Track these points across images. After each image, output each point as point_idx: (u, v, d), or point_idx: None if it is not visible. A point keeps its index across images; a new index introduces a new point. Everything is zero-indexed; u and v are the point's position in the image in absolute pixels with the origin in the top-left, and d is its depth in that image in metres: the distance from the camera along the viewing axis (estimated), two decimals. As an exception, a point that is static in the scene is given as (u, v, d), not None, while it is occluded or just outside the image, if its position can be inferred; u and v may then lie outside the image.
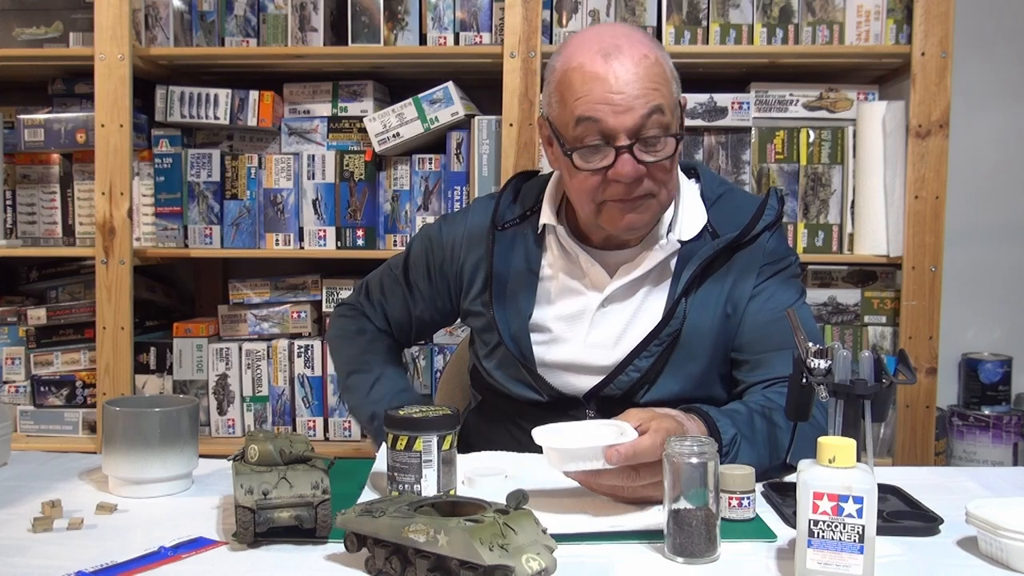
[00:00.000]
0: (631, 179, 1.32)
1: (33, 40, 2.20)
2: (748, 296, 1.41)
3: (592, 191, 1.35)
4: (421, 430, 1.15)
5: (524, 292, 1.47)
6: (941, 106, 1.99)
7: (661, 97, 1.31)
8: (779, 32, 2.08)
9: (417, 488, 1.15)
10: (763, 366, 1.39)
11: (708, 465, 1.01)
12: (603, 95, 1.30)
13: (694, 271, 1.39)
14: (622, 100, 1.30)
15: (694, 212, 1.45)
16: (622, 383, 1.40)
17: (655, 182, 1.35)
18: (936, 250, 2.01)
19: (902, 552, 1.04)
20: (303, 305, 2.23)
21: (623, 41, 1.33)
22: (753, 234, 1.42)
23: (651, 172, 1.34)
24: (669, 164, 1.35)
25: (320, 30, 2.16)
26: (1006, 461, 2.28)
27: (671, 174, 1.37)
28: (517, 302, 1.46)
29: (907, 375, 1.15)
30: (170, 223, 2.19)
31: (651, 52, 1.33)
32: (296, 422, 2.20)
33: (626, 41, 1.33)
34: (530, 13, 2.03)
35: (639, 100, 1.30)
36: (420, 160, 2.17)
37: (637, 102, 1.30)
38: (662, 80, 1.33)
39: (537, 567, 0.89)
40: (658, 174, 1.34)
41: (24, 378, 2.26)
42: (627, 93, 1.30)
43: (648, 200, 1.36)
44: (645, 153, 1.32)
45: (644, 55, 1.32)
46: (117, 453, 1.22)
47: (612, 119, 1.30)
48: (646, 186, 1.34)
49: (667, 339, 1.39)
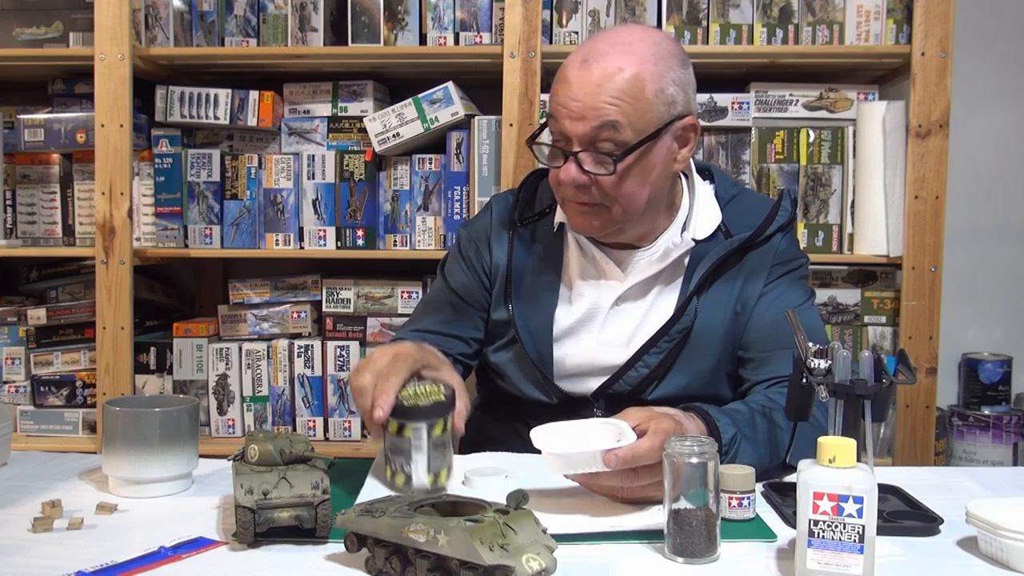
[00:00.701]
0: (569, 185, 1.33)
1: (33, 40, 2.20)
2: (757, 295, 1.41)
3: (556, 186, 1.39)
4: (410, 418, 1.19)
5: (546, 291, 1.47)
6: (941, 106, 1.99)
7: (619, 114, 1.29)
8: (779, 32, 2.08)
9: (408, 470, 1.20)
10: (768, 365, 1.40)
11: (708, 465, 1.01)
12: (564, 98, 1.32)
13: (706, 270, 1.39)
14: (577, 108, 1.31)
15: (708, 212, 1.45)
16: (631, 379, 1.41)
17: (604, 196, 1.34)
18: (936, 250, 2.01)
19: (902, 552, 1.04)
20: (303, 305, 2.23)
21: (615, 49, 1.31)
22: (766, 235, 1.42)
23: (599, 185, 1.33)
24: (617, 181, 1.32)
25: (320, 30, 2.15)
26: (1006, 461, 2.28)
27: (626, 191, 1.33)
28: (538, 300, 1.46)
29: (907, 375, 1.15)
30: (170, 223, 2.19)
31: (633, 66, 1.29)
32: (296, 422, 2.20)
33: (617, 49, 1.31)
34: (530, 13, 2.03)
35: (592, 111, 1.30)
36: (420, 160, 2.17)
37: (590, 112, 1.30)
38: (630, 97, 1.29)
39: (537, 567, 0.89)
40: (608, 188, 1.33)
41: (24, 378, 2.26)
42: (584, 102, 1.30)
43: (599, 209, 1.36)
44: (593, 164, 1.32)
45: (620, 68, 1.29)
46: (117, 453, 1.22)
47: (567, 123, 1.32)
48: (595, 195, 1.34)
49: (677, 336, 1.40)
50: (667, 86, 1.32)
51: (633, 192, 1.34)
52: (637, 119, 1.30)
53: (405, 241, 2.18)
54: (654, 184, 1.36)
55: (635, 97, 1.30)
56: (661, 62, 1.32)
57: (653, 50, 1.32)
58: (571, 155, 1.32)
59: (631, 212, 1.36)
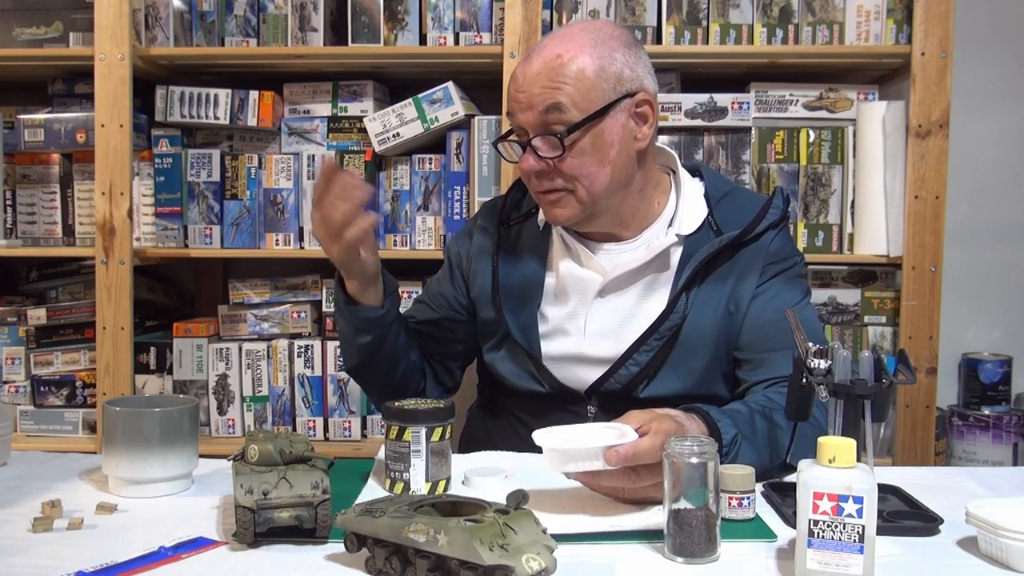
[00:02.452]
0: (530, 174, 1.40)
1: (33, 40, 2.20)
2: (751, 295, 1.42)
3: (526, 182, 1.45)
4: (411, 421, 1.20)
5: (531, 287, 1.50)
6: (941, 106, 1.99)
7: (562, 96, 1.35)
8: (779, 32, 2.08)
9: (406, 477, 1.20)
10: (765, 365, 1.40)
11: (708, 465, 1.01)
12: (513, 93, 1.40)
13: (696, 266, 1.40)
14: (524, 98, 1.38)
15: (695, 209, 1.46)
16: (622, 377, 1.41)
17: (565, 178, 1.39)
18: (936, 250, 2.01)
19: (902, 552, 1.04)
20: (303, 305, 2.23)
21: (553, 40, 1.39)
22: (757, 232, 1.42)
23: (558, 168, 1.38)
24: (571, 161, 1.37)
25: (320, 30, 2.15)
26: (1006, 461, 2.28)
27: (584, 170, 1.38)
28: (525, 297, 1.49)
29: (907, 375, 1.15)
30: (170, 223, 2.19)
31: (571, 51, 1.36)
32: (296, 422, 2.20)
33: (556, 40, 1.39)
34: (530, 13, 2.03)
35: (537, 98, 1.36)
36: (420, 160, 2.17)
37: (536, 99, 1.36)
38: (571, 79, 1.35)
39: (537, 567, 0.89)
40: (566, 169, 1.38)
41: (24, 378, 2.26)
42: (528, 91, 1.37)
43: (565, 195, 1.41)
44: (548, 149, 1.37)
45: (557, 55, 1.36)
46: (117, 453, 1.22)
47: (519, 115, 1.39)
48: (558, 182, 1.39)
49: (667, 334, 1.40)
50: (609, 65, 1.37)
51: (592, 171, 1.38)
52: (580, 99, 1.36)
53: (405, 241, 2.18)
54: (615, 163, 1.40)
55: (576, 78, 1.36)
56: (601, 44, 1.38)
57: (592, 35, 1.39)
58: (527, 144, 1.38)
59: (595, 192, 1.40)
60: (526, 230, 1.54)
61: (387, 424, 1.22)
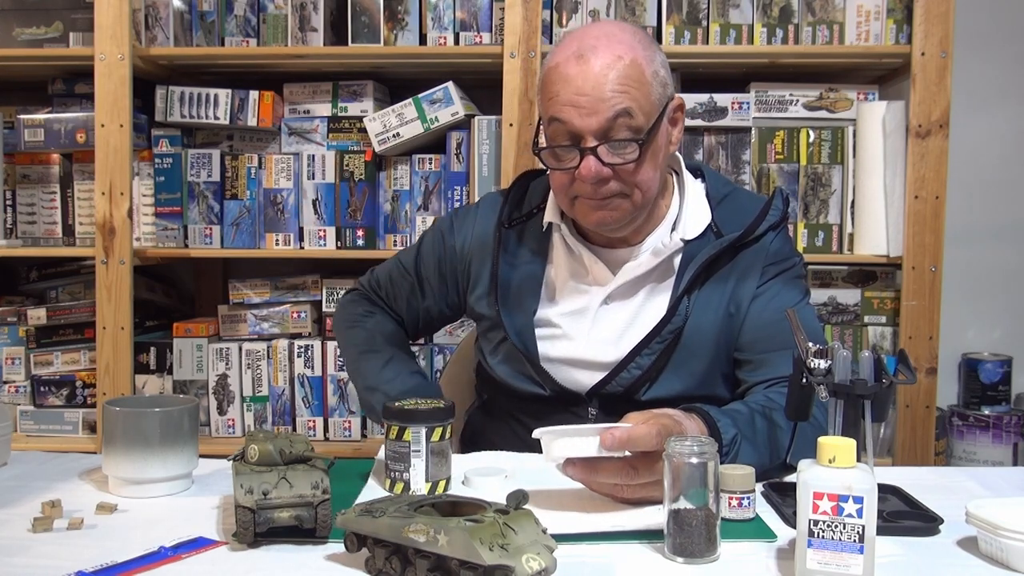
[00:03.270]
0: (593, 180, 1.33)
1: (33, 40, 2.20)
2: (751, 296, 1.41)
3: (565, 187, 1.38)
4: (411, 421, 1.20)
5: (530, 289, 1.48)
6: (941, 106, 1.99)
7: (630, 100, 1.31)
8: (779, 32, 2.08)
9: (406, 477, 1.20)
10: (765, 366, 1.39)
11: (708, 465, 1.01)
12: (570, 96, 1.32)
13: (697, 270, 1.39)
14: (587, 102, 1.31)
15: (698, 211, 1.45)
16: (623, 380, 1.41)
17: (624, 183, 1.35)
18: (936, 250, 2.01)
19: (902, 552, 1.04)
20: (303, 305, 2.23)
21: (601, 42, 1.33)
22: (757, 234, 1.42)
23: (619, 174, 1.34)
24: (635, 167, 1.34)
25: (320, 30, 2.16)
26: (1006, 461, 2.28)
27: (644, 176, 1.35)
28: (523, 299, 1.48)
29: (907, 375, 1.15)
30: (170, 223, 2.19)
31: (628, 53, 1.32)
32: (296, 422, 2.20)
33: (605, 41, 1.33)
34: (530, 13, 2.03)
35: (604, 103, 1.30)
36: (420, 160, 2.17)
37: (602, 105, 1.30)
38: (635, 83, 1.31)
39: (537, 567, 0.89)
40: (627, 176, 1.34)
41: (24, 378, 2.26)
42: (592, 95, 1.30)
43: (618, 200, 1.37)
44: (612, 155, 1.33)
45: (618, 56, 1.31)
46: (117, 453, 1.22)
47: (578, 120, 1.31)
48: (614, 187, 1.35)
49: (669, 337, 1.40)
50: (658, 68, 1.36)
51: (649, 176, 1.37)
52: (645, 103, 1.32)
53: (405, 241, 2.18)
54: (661, 167, 1.39)
55: (639, 82, 1.32)
56: (648, 46, 1.36)
57: (637, 37, 1.36)
58: (588, 151, 1.32)
59: (648, 197, 1.38)
60: (527, 231, 1.52)
61: (387, 424, 1.22)
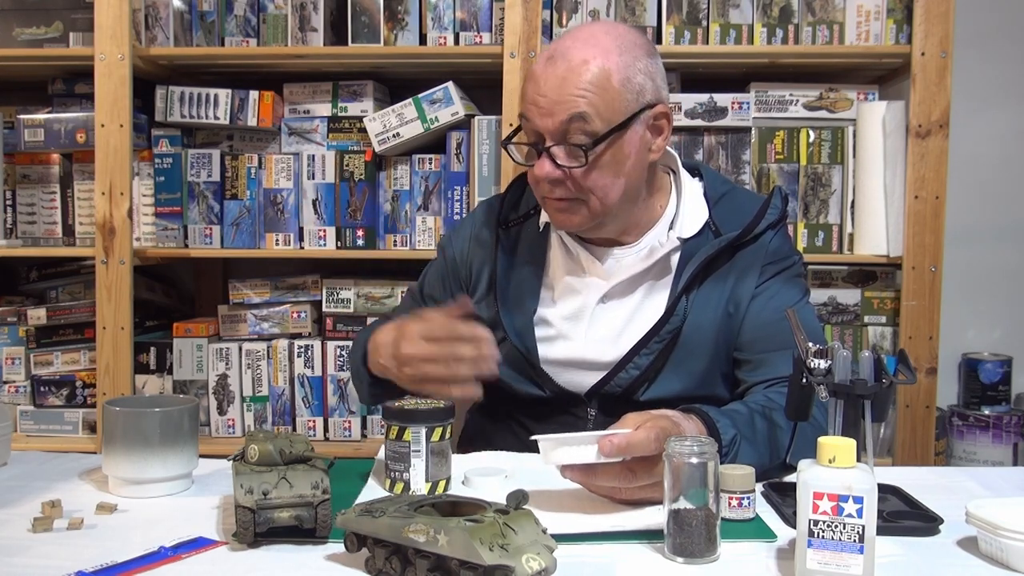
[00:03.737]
0: (546, 180, 1.35)
1: (33, 40, 2.20)
2: (750, 295, 1.41)
3: (534, 185, 1.40)
4: (411, 421, 1.20)
5: (529, 290, 1.48)
6: (941, 106, 1.99)
7: (587, 105, 1.30)
8: (779, 32, 2.08)
9: (406, 477, 1.20)
10: (765, 366, 1.39)
11: (708, 465, 1.01)
12: (533, 96, 1.34)
13: (695, 269, 1.39)
14: (546, 103, 1.32)
15: (695, 210, 1.45)
16: (622, 380, 1.41)
17: (579, 189, 1.35)
18: (936, 250, 2.01)
19: (902, 552, 1.04)
20: (303, 305, 2.23)
21: (577, 44, 1.33)
22: (756, 233, 1.42)
23: (573, 178, 1.34)
24: (587, 172, 1.33)
25: (320, 30, 2.15)
26: (1006, 461, 2.28)
27: (599, 182, 1.35)
28: (522, 299, 1.48)
29: (907, 375, 1.15)
30: (170, 223, 2.19)
31: (598, 58, 1.31)
32: (296, 422, 2.20)
33: (580, 44, 1.33)
34: (530, 13, 2.03)
35: (560, 105, 1.31)
36: (420, 160, 2.17)
37: (558, 107, 1.31)
38: (596, 88, 1.31)
39: (537, 567, 0.89)
40: (580, 180, 1.34)
41: (24, 378, 2.26)
42: (551, 97, 1.32)
43: (576, 204, 1.37)
44: (566, 158, 1.33)
45: (585, 61, 1.31)
46: (117, 453, 1.22)
47: (538, 120, 1.34)
48: (571, 189, 1.35)
49: (667, 336, 1.39)
50: (634, 75, 1.34)
51: (607, 183, 1.35)
52: (605, 109, 1.32)
53: (405, 241, 2.18)
54: (629, 175, 1.37)
55: (602, 88, 1.31)
56: (626, 52, 1.34)
57: (617, 42, 1.34)
58: (544, 150, 1.34)
59: (608, 204, 1.37)
60: (524, 231, 1.52)
61: (387, 424, 1.22)
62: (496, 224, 1.53)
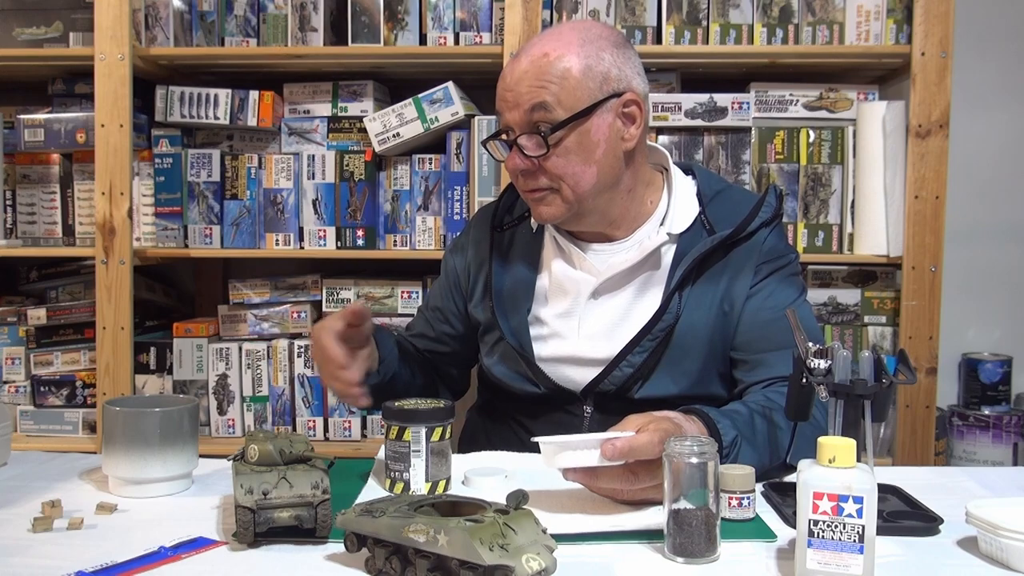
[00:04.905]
0: (515, 172, 1.40)
1: (33, 40, 2.20)
2: (745, 294, 1.41)
3: (513, 181, 1.45)
4: (411, 421, 1.21)
5: (523, 289, 1.50)
6: (941, 106, 1.99)
7: (548, 95, 1.35)
8: (779, 32, 2.08)
9: (406, 477, 1.21)
10: (763, 366, 1.39)
11: (708, 465, 1.01)
12: (501, 91, 1.40)
13: (688, 266, 1.39)
14: (511, 96, 1.38)
15: (687, 206, 1.46)
16: (616, 378, 1.41)
17: (551, 177, 1.39)
18: (936, 250, 2.01)
19: (902, 552, 1.04)
20: (303, 305, 2.23)
21: (541, 40, 1.39)
22: (749, 231, 1.42)
23: (543, 167, 1.38)
24: (559, 161, 1.37)
25: (320, 30, 2.16)
26: (1006, 461, 2.28)
27: (568, 169, 1.38)
28: (517, 300, 1.49)
29: (907, 375, 1.15)
30: (170, 223, 2.19)
31: (558, 50, 1.36)
32: (296, 422, 2.20)
33: (543, 40, 1.39)
34: (530, 13, 2.03)
35: (523, 96, 1.36)
36: (420, 160, 2.17)
37: (521, 98, 1.37)
38: (556, 78, 1.35)
39: (537, 567, 0.89)
40: (549, 168, 1.38)
41: (24, 378, 2.26)
42: (515, 90, 1.37)
43: (550, 195, 1.41)
44: (533, 148, 1.37)
45: (544, 53, 1.36)
46: (117, 453, 1.22)
47: (506, 114, 1.39)
48: (542, 180, 1.39)
49: (660, 335, 1.40)
50: (596, 64, 1.37)
51: (577, 171, 1.38)
52: (566, 97, 1.35)
53: (405, 241, 2.18)
54: (600, 163, 1.39)
55: (562, 76, 1.35)
56: (588, 44, 1.38)
57: (580, 35, 1.38)
58: (511, 143, 1.39)
59: (581, 191, 1.39)
60: (519, 234, 1.54)
61: (387, 424, 1.22)
62: (491, 227, 1.55)
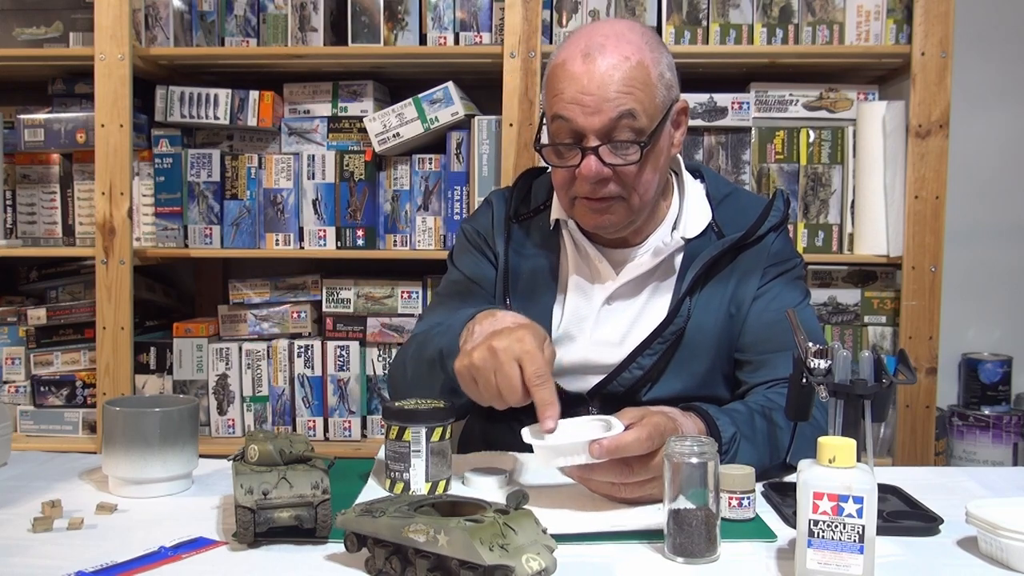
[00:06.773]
0: (594, 180, 1.33)
1: (33, 40, 2.20)
2: (752, 297, 1.41)
3: (566, 186, 1.37)
4: (410, 421, 1.20)
5: (543, 289, 1.47)
6: (941, 106, 1.99)
7: (635, 102, 1.30)
8: (779, 32, 2.08)
9: (406, 477, 1.20)
10: (766, 367, 1.39)
11: (708, 465, 1.01)
12: (575, 94, 1.31)
13: (698, 270, 1.39)
14: (592, 101, 1.30)
15: (698, 211, 1.45)
16: (625, 381, 1.41)
17: (623, 186, 1.34)
18: (936, 250, 2.01)
19: (902, 552, 1.04)
20: (303, 305, 2.23)
21: (610, 40, 1.32)
22: (758, 235, 1.42)
23: (619, 176, 1.33)
24: (637, 169, 1.33)
25: (320, 30, 2.16)
26: (1006, 461, 2.28)
27: (644, 179, 1.35)
28: (536, 295, 1.46)
29: (907, 375, 1.15)
30: (170, 223, 2.19)
31: (635, 54, 1.31)
32: (296, 422, 2.20)
33: (613, 41, 1.32)
34: (530, 13, 2.03)
35: (609, 103, 1.29)
36: (420, 160, 2.17)
37: (607, 105, 1.29)
38: (640, 84, 1.30)
39: (537, 567, 0.89)
40: (627, 178, 1.34)
41: (24, 378, 2.26)
42: (597, 95, 1.29)
43: (617, 203, 1.36)
44: (613, 156, 1.32)
45: (626, 57, 1.30)
46: (117, 453, 1.22)
47: (581, 119, 1.31)
48: (613, 188, 1.34)
49: (670, 338, 1.39)
50: (664, 71, 1.35)
51: (649, 179, 1.36)
52: (649, 105, 1.32)
53: (405, 241, 2.18)
54: (662, 170, 1.39)
55: (644, 83, 1.31)
56: (655, 48, 1.35)
57: (645, 38, 1.35)
58: (589, 150, 1.32)
59: (646, 200, 1.38)
60: (535, 227, 1.51)
61: (387, 424, 1.22)
62: (506, 218, 1.51)
